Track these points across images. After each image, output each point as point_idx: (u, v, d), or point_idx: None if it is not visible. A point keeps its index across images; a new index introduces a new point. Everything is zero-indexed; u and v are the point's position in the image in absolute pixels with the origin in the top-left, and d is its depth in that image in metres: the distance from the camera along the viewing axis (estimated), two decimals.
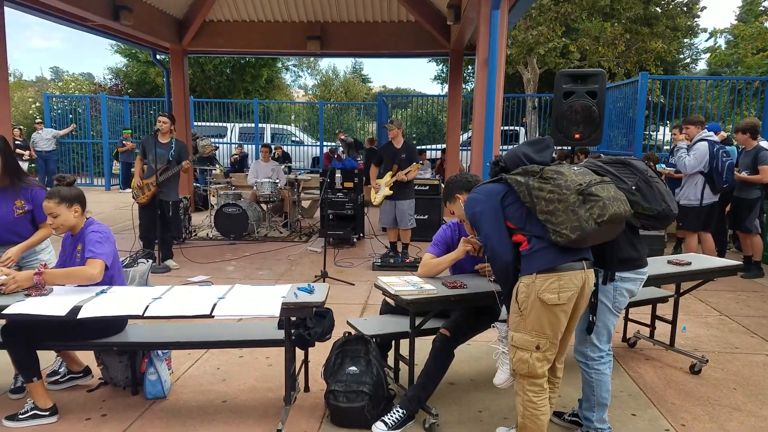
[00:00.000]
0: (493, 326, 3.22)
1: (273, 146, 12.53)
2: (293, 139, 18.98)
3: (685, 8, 18.41)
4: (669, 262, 4.39)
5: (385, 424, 3.33)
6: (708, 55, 19.72)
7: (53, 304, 3.16)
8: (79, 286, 3.44)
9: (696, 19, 19.01)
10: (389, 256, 7.75)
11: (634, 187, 2.94)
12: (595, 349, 3.13)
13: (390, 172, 7.51)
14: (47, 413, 3.44)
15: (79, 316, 3.09)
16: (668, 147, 10.87)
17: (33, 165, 16.70)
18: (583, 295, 2.87)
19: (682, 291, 4.63)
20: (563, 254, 2.76)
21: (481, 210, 2.94)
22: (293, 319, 3.49)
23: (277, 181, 9.65)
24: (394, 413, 3.38)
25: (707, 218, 6.88)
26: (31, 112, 21.39)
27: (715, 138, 6.92)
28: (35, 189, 3.86)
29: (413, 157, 7.56)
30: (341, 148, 13.53)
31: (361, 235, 9.40)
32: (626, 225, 2.96)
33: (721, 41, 19.99)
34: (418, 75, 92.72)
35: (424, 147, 16.87)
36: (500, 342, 3.16)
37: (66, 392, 3.86)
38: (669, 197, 3.00)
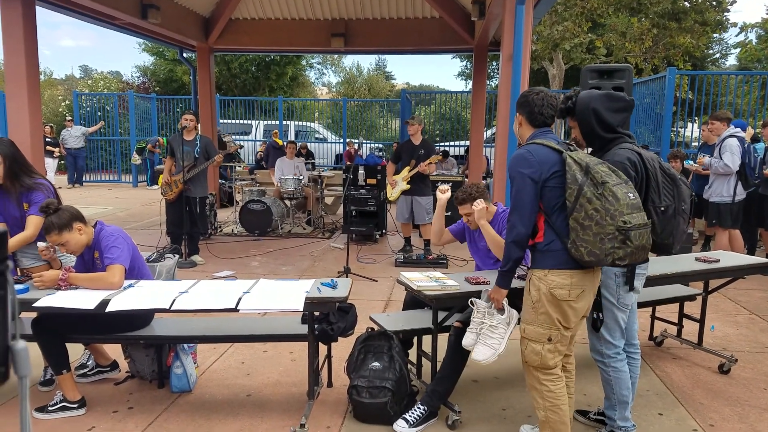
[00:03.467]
0: (471, 303, 3.19)
1: (298, 143, 12.65)
2: (317, 136, 19.04)
3: (714, 2, 18.09)
4: (697, 259, 4.32)
5: (407, 421, 3.32)
6: (738, 50, 19.35)
7: (82, 298, 3.22)
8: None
9: (726, 14, 18.68)
10: (406, 250, 7.79)
11: (662, 209, 2.88)
12: (610, 345, 3.10)
13: (408, 167, 7.55)
14: (75, 405, 3.51)
15: (107, 310, 3.15)
16: (696, 143, 10.70)
17: (63, 162, 17.00)
18: (594, 291, 2.89)
19: (710, 289, 4.56)
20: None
21: (526, 174, 2.76)
22: (316, 314, 3.51)
23: (301, 177, 9.69)
24: (415, 410, 3.37)
25: (738, 215, 6.78)
26: (60, 109, 21.77)
27: (743, 134, 6.81)
28: (32, 192, 3.84)
29: (431, 154, 7.61)
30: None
31: (384, 231, 9.40)
32: None
33: (752, 36, 19.61)
34: (441, 71, 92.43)
35: (447, 144, 16.83)
36: (481, 315, 3.13)
37: (94, 385, 3.93)
38: (679, 236, 2.97)
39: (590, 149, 3.18)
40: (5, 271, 1.05)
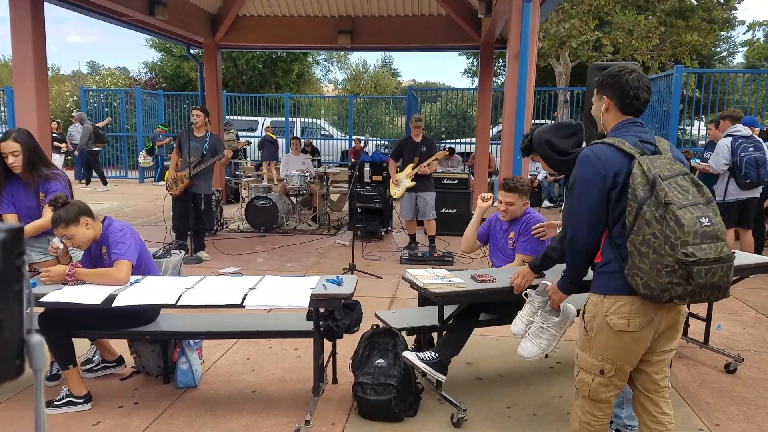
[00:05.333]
0: (526, 295, 3.06)
1: (302, 140, 12.76)
2: (323, 133, 19.06)
3: (721, 0, 17.98)
4: None
5: (417, 356, 3.39)
6: (746, 48, 19.23)
7: (89, 293, 3.24)
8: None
9: (733, 12, 18.55)
10: (411, 247, 7.81)
11: None
12: None
13: (411, 165, 7.59)
14: (81, 400, 3.52)
15: (113, 305, 3.16)
16: (703, 142, 10.65)
17: (69, 158, 17.06)
18: (669, 322, 2.43)
19: None
20: None
21: (588, 178, 2.39)
22: (322, 310, 3.51)
23: (307, 174, 9.71)
24: (428, 352, 3.44)
25: (741, 215, 6.74)
26: (68, 105, 21.83)
27: (744, 132, 6.74)
28: (50, 182, 3.86)
29: (433, 150, 7.71)
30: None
31: (389, 228, 9.41)
32: None
33: (760, 34, 19.49)
34: (447, 69, 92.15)
35: (453, 141, 16.81)
36: (533, 309, 2.98)
37: (99, 380, 3.95)
38: None
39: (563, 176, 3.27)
40: (21, 266, 1.06)
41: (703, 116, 12.04)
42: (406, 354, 3.38)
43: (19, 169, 3.78)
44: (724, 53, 26.89)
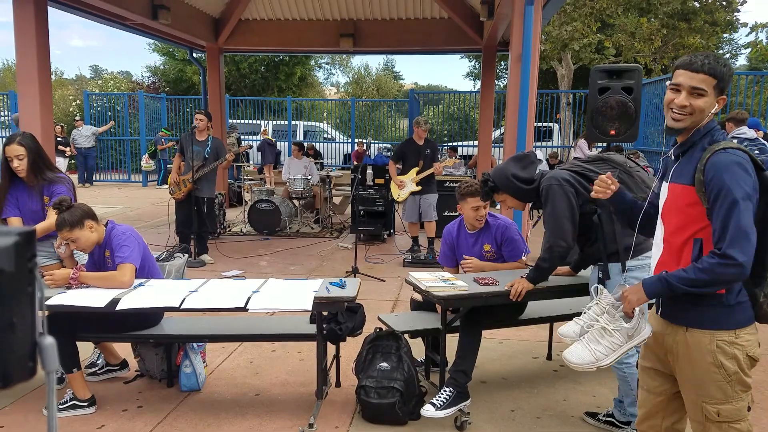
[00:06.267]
0: (595, 288, 2.50)
1: (305, 144, 12.80)
2: (325, 136, 19.09)
3: (724, 2, 17.99)
4: None
5: (434, 405, 3.32)
6: (748, 50, 19.22)
7: (93, 296, 3.25)
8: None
9: (735, 14, 18.57)
10: (415, 250, 7.84)
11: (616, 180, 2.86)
12: None
13: (416, 168, 7.61)
14: (86, 404, 3.53)
15: (117, 308, 3.17)
16: None
17: (73, 161, 17.11)
18: None
19: None
20: None
21: (750, 194, 2.00)
22: (325, 313, 3.52)
23: (310, 177, 9.72)
24: (441, 394, 3.36)
25: None
26: (71, 109, 21.87)
27: (749, 135, 6.73)
28: (54, 185, 3.87)
29: (436, 153, 7.81)
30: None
31: (392, 231, 9.41)
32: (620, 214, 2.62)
33: (763, 36, 19.49)
34: (450, 72, 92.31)
35: (455, 144, 16.83)
36: (599, 310, 2.44)
37: (103, 384, 3.95)
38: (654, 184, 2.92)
39: (531, 204, 3.38)
40: (33, 268, 1.08)
41: None
42: (426, 414, 3.30)
43: (24, 172, 3.79)
44: (727, 55, 26.87)
